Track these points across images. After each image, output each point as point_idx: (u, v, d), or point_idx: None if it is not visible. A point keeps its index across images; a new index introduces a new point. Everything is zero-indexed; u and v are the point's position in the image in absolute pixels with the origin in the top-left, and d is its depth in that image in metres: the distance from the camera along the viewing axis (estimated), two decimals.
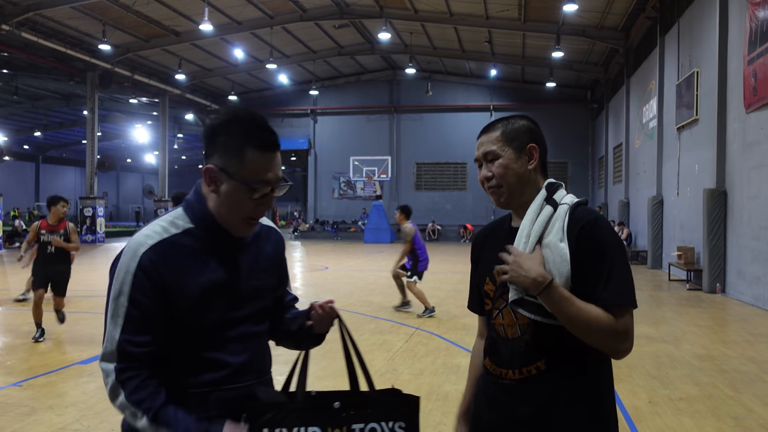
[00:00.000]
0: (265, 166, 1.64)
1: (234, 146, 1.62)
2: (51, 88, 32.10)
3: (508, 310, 1.84)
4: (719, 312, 10.67)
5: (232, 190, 1.63)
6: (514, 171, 1.86)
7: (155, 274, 1.58)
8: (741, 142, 11.82)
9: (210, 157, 1.65)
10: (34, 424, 4.79)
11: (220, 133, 1.65)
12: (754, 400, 5.58)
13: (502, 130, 1.90)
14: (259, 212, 1.68)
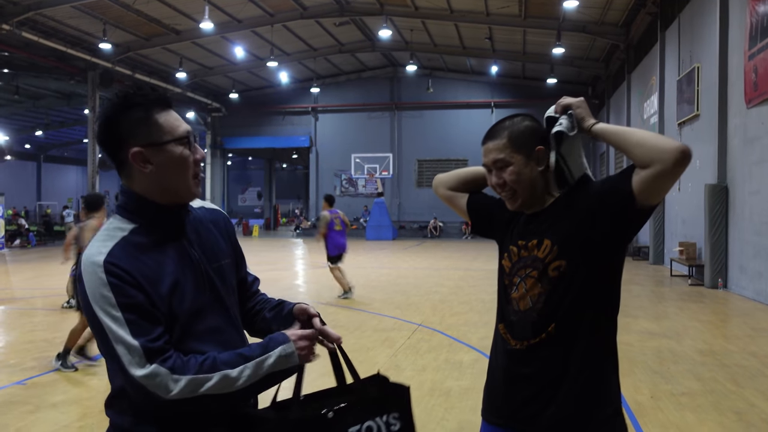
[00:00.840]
0: (176, 120, 1.67)
1: (141, 121, 1.62)
2: (52, 88, 32.10)
3: (522, 285, 1.93)
4: (721, 307, 10.68)
5: (169, 154, 1.63)
6: (526, 176, 1.92)
7: (124, 273, 1.53)
8: (742, 138, 11.81)
9: (123, 147, 1.62)
10: (38, 422, 4.81)
11: (119, 121, 1.63)
12: (756, 394, 5.59)
13: (508, 137, 1.93)
14: (198, 165, 1.69)
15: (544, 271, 1.87)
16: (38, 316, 9.65)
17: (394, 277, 14.97)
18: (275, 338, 1.62)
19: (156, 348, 1.51)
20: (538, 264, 1.88)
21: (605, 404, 1.85)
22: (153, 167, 1.62)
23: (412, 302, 10.85)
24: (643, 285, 13.54)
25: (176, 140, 1.64)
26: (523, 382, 1.90)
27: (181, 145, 1.64)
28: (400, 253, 22.46)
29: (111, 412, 1.66)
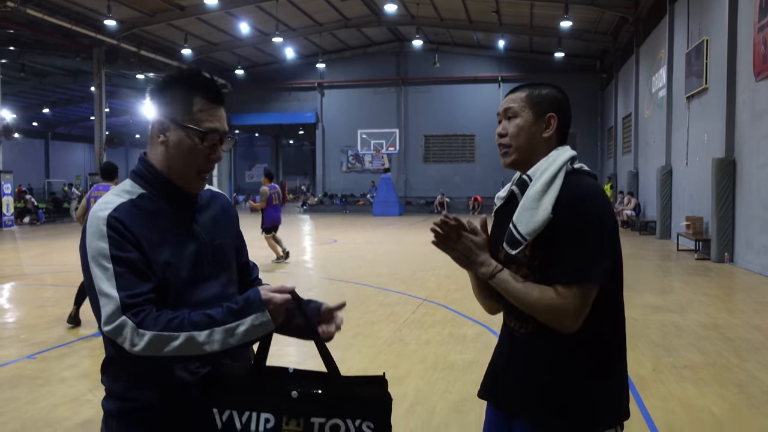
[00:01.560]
0: (213, 116, 1.67)
1: (182, 96, 1.66)
2: (58, 65, 32.07)
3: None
4: (727, 281, 10.68)
5: (182, 138, 1.66)
6: (527, 134, 1.89)
7: (124, 229, 1.58)
8: (750, 111, 11.71)
9: (157, 112, 1.69)
10: (48, 395, 4.90)
11: (169, 87, 1.68)
12: (758, 367, 5.62)
13: (528, 93, 1.92)
14: (209, 164, 1.70)
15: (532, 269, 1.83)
16: (48, 291, 9.76)
17: (399, 252, 15.02)
18: (251, 302, 1.56)
19: (133, 303, 1.52)
20: (524, 260, 1.84)
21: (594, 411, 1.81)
22: (166, 141, 1.67)
23: (418, 277, 10.90)
24: (650, 259, 13.54)
25: (194, 130, 1.65)
26: (519, 371, 1.89)
27: (198, 137, 1.66)
28: (406, 229, 22.51)
29: (105, 378, 1.72)
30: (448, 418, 4.40)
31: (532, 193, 1.79)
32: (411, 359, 5.90)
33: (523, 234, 1.76)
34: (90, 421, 4.37)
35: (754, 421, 4.37)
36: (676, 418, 4.41)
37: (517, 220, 1.79)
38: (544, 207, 1.76)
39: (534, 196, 1.78)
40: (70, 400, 4.78)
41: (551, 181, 1.79)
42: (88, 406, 4.67)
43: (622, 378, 1.90)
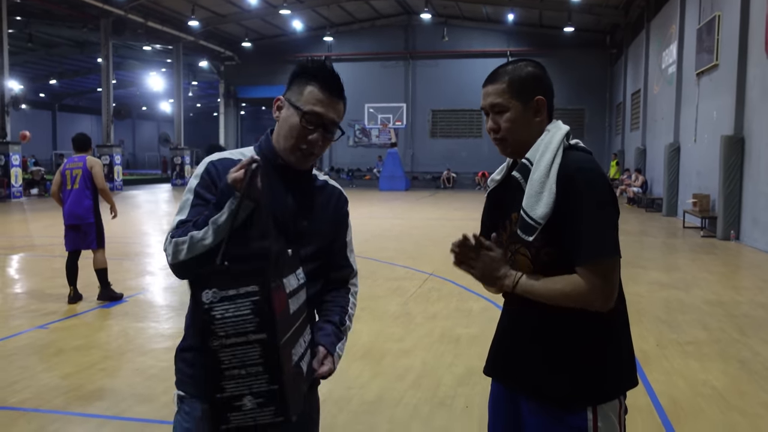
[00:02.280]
0: (319, 101, 1.82)
1: (301, 82, 1.85)
2: (65, 36, 31.98)
3: (512, 260, 1.91)
4: (732, 259, 10.71)
5: (289, 115, 1.84)
6: (520, 125, 1.88)
7: (216, 175, 1.79)
8: (761, 88, 11.63)
9: (283, 94, 1.91)
10: (62, 364, 5.00)
11: (295, 73, 1.90)
12: (761, 343, 5.68)
13: (509, 82, 1.88)
14: (309, 143, 1.83)
15: (536, 253, 1.85)
16: (57, 262, 9.85)
17: (406, 227, 15.08)
18: (222, 191, 1.68)
19: (183, 221, 1.76)
20: (526, 242, 1.84)
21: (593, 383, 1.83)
22: (279, 116, 1.88)
23: (424, 252, 10.97)
24: (656, 236, 13.56)
25: (297, 108, 1.82)
26: (524, 349, 1.91)
27: (298, 115, 1.81)
28: (413, 204, 22.54)
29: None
30: (454, 391, 4.48)
31: (537, 177, 1.80)
32: (417, 333, 5.98)
33: (536, 219, 1.77)
34: (103, 389, 4.47)
35: (755, 395, 4.44)
36: (679, 392, 4.48)
37: (527, 206, 1.80)
38: (549, 188, 1.77)
39: (539, 179, 1.79)
40: (83, 369, 4.88)
41: (552, 162, 1.81)
42: (101, 375, 4.77)
43: (628, 348, 1.92)
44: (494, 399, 2.08)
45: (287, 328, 1.51)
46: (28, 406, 4.15)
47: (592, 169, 1.81)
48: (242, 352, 1.42)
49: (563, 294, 1.77)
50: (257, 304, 1.42)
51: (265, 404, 1.43)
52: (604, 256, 1.76)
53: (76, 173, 7.11)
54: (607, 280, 1.76)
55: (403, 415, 4.09)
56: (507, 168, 2.05)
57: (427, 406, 4.23)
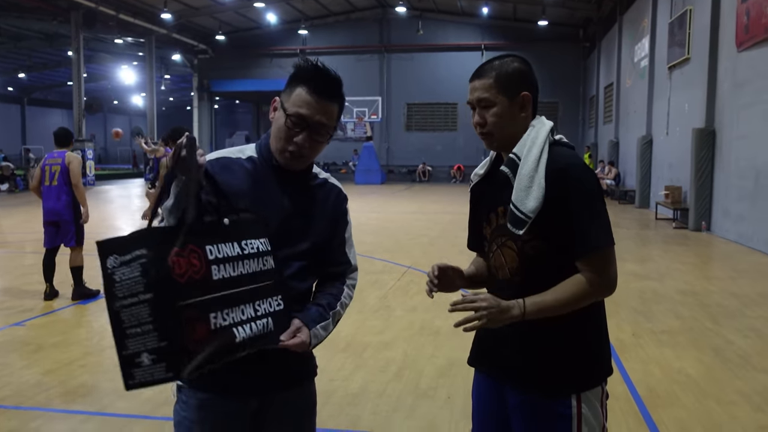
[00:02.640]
0: (306, 103, 1.83)
1: (293, 83, 1.88)
2: (34, 28, 31.39)
3: (499, 253, 1.95)
4: (704, 249, 10.92)
5: (278, 117, 1.88)
6: (506, 120, 1.92)
7: (211, 173, 1.78)
8: (731, 82, 11.85)
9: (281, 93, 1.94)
10: (42, 360, 4.96)
11: (291, 76, 1.91)
12: (734, 332, 5.82)
13: (496, 77, 1.91)
14: (296, 145, 1.84)
15: (522, 246, 1.89)
16: (30, 259, 9.74)
17: (383, 221, 15.11)
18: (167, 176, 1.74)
19: None
20: (514, 235, 1.88)
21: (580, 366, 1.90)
22: (273, 115, 1.91)
23: (402, 245, 11.01)
24: (629, 228, 13.76)
25: (284, 110, 1.85)
26: (509, 338, 1.94)
27: (284, 116, 1.84)
28: (389, 197, 22.58)
29: None
30: (436, 382, 4.53)
31: (526, 171, 1.84)
32: (398, 325, 6.02)
33: (526, 213, 1.82)
34: (84, 386, 4.44)
35: (729, 382, 4.55)
36: (655, 380, 4.58)
37: (516, 200, 1.84)
38: (538, 182, 1.82)
39: (528, 174, 1.84)
40: (63, 365, 4.84)
41: (539, 156, 1.85)
42: (82, 371, 4.73)
43: (607, 336, 1.99)
44: (478, 388, 2.12)
45: (202, 292, 1.56)
46: (9, 404, 4.11)
47: (581, 164, 1.87)
48: (137, 312, 1.51)
49: (575, 297, 1.82)
50: (144, 266, 1.51)
51: (157, 360, 1.49)
52: (603, 247, 1.83)
53: (54, 169, 7.00)
54: (609, 269, 1.84)
55: (387, 406, 4.13)
56: (490, 162, 2.09)
57: (410, 397, 4.28)
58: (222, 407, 1.85)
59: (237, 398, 1.85)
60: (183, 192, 1.65)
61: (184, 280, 1.53)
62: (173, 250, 1.54)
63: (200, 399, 1.84)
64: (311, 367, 2.03)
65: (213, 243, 1.63)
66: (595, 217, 1.83)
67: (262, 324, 1.68)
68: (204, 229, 1.64)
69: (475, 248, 2.21)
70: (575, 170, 1.84)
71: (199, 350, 1.52)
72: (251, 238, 1.73)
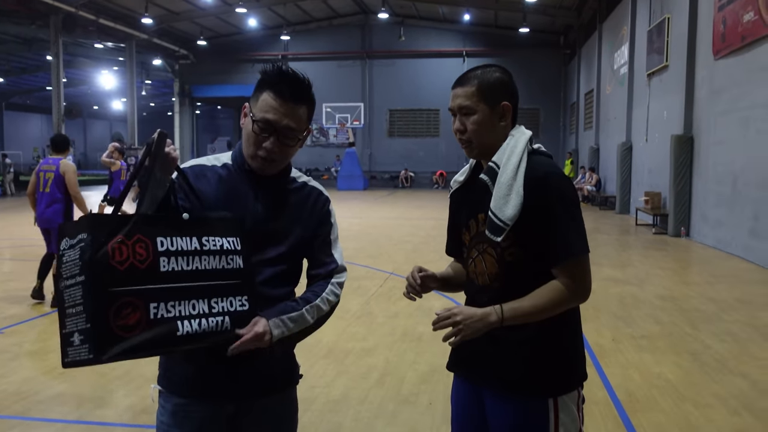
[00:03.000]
0: (272, 108, 1.84)
1: (260, 88, 1.88)
2: (12, 32, 31.04)
3: (480, 259, 1.98)
4: (683, 255, 11.04)
5: (247, 122, 1.89)
6: (486, 128, 1.95)
7: (184, 181, 1.82)
8: (709, 89, 12.02)
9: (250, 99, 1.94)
10: (19, 368, 4.90)
11: (258, 82, 1.91)
12: (711, 336, 5.89)
13: (478, 86, 1.95)
14: (265, 150, 1.85)
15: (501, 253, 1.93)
16: (7, 265, 9.63)
17: (365, 226, 15.11)
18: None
19: None
20: (493, 242, 1.92)
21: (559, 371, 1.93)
22: (244, 121, 1.91)
23: (384, 251, 11.03)
24: (609, 234, 13.89)
25: (251, 116, 1.86)
26: (484, 342, 1.95)
27: (251, 123, 1.86)
28: (371, 203, 22.59)
29: None
30: (418, 388, 4.54)
31: (505, 180, 1.88)
32: (380, 332, 6.03)
33: (504, 220, 1.85)
34: (63, 394, 4.40)
35: (706, 386, 4.61)
36: (634, 385, 4.62)
37: (495, 207, 1.87)
38: (516, 190, 1.86)
39: (507, 182, 1.87)
40: (41, 373, 4.79)
41: (518, 165, 1.89)
42: (61, 379, 4.68)
43: (581, 342, 2.04)
44: (457, 393, 2.14)
45: (144, 282, 1.57)
46: None
47: (559, 173, 1.92)
48: (73, 293, 1.55)
49: (552, 303, 1.86)
50: (83, 249, 1.54)
51: (84, 341, 1.52)
52: (579, 255, 1.87)
53: (48, 176, 6.98)
54: (584, 276, 1.88)
55: (368, 413, 4.13)
56: (470, 170, 2.12)
57: (392, 403, 4.28)
58: (197, 412, 1.85)
59: (213, 402, 1.86)
60: (144, 182, 1.66)
61: (123, 268, 1.55)
62: (117, 237, 1.56)
63: (176, 404, 1.86)
64: (294, 375, 2.03)
65: (166, 235, 1.64)
66: (572, 226, 1.87)
67: (216, 321, 1.68)
68: (159, 221, 1.65)
69: (453, 254, 2.25)
70: (554, 179, 1.88)
71: (128, 336, 1.52)
72: (216, 236, 1.73)
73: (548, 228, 1.85)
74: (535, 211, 1.85)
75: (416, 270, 2.08)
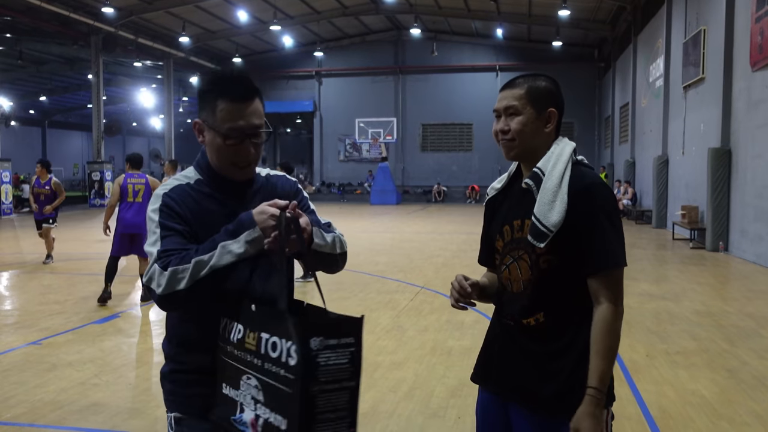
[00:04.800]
0: (235, 115, 1.79)
1: (210, 100, 1.83)
2: (55, 52, 31.99)
3: (515, 266, 1.98)
4: (721, 270, 10.81)
5: (211, 138, 1.84)
6: (530, 130, 1.96)
7: (176, 206, 1.82)
8: (746, 101, 11.80)
9: (198, 114, 1.89)
10: (55, 379, 5.00)
11: (201, 92, 1.86)
12: (749, 353, 5.75)
13: (527, 89, 1.97)
14: (242, 158, 1.83)
15: (536, 260, 1.92)
16: (47, 279, 9.85)
17: (398, 241, 15.12)
18: (242, 221, 1.70)
19: (165, 251, 1.74)
20: (529, 248, 1.92)
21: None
22: (204, 140, 1.88)
23: (416, 265, 11.01)
24: (645, 248, 13.66)
25: (216, 130, 1.81)
26: (516, 356, 1.97)
27: (221, 137, 1.81)
28: (404, 218, 22.60)
29: (164, 342, 1.98)
30: (447, 402, 4.52)
31: (550, 186, 1.89)
32: (410, 345, 6.02)
33: (549, 226, 1.85)
34: (98, 404, 4.48)
35: (743, 404, 4.49)
36: (668, 401, 4.53)
37: (539, 213, 1.88)
38: (561, 198, 1.87)
39: (552, 189, 1.88)
40: (77, 384, 4.89)
41: (563, 173, 1.90)
42: (96, 389, 4.78)
43: None
44: (482, 406, 2.13)
45: None
46: (23, 421, 4.16)
47: (603, 184, 1.92)
48: (336, 397, 1.52)
49: (609, 334, 1.84)
50: (353, 355, 1.55)
51: None
52: (616, 266, 1.87)
53: (138, 188, 7.98)
54: (620, 286, 1.88)
55: (397, 426, 4.12)
56: (508, 177, 2.13)
57: (420, 417, 4.27)
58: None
59: None
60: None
61: None
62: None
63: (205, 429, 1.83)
64: None
65: None
66: (615, 237, 1.88)
67: None
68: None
69: (486, 263, 2.24)
70: (598, 189, 1.89)
71: None
72: None
73: (591, 237, 1.85)
74: (578, 219, 1.85)
75: (462, 277, 2.07)
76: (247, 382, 1.62)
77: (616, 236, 1.87)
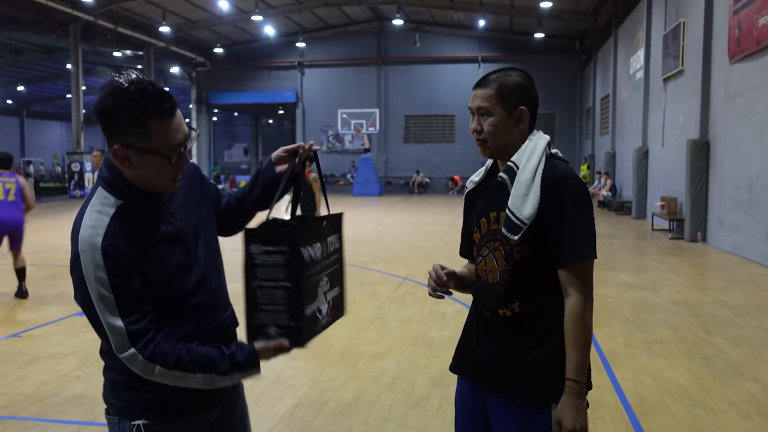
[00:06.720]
0: (171, 131, 1.65)
1: (134, 122, 1.61)
2: (33, 41, 31.52)
3: (491, 257, 2.02)
4: (699, 260, 10.96)
5: (148, 163, 1.65)
6: (502, 131, 1.99)
7: (120, 254, 1.62)
8: (724, 93, 11.94)
9: (112, 137, 1.64)
10: (36, 372, 4.99)
11: (115, 112, 1.62)
12: (725, 341, 5.86)
13: (498, 88, 1.99)
14: (182, 168, 1.74)
15: (510, 251, 1.96)
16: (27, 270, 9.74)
17: (380, 232, 15.15)
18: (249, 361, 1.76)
19: (137, 330, 1.63)
20: (504, 240, 1.96)
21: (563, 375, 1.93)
22: (131, 164, 1.66)
23: (398, 256, 11.06)
24: (625, 239, 13.81)
25: (157, 153, 1.64)
26: (493, 346, 2.02)
27: (167, 160, 1.66)
28: (386, 209, 22.63)
29: (107, 357, 1.79)
30: (429, 392, 4.57)
31: (524, 180, 1.92)
32: (392, 336, 6.06)
33: (522, 219, 1.89)
34: (79, 396, 4.47)
35: (719, 391, 4.59)
36: (646, 389, 4.62)
37: (513, 206, 1.91)
38: (534, 191, 1.90)
39: (526, 182, 1.92)
40: (58, 377, 4.88)
41: (537, 167, 1.94)
42: (77, 382, 4.77)
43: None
44: (461, 396, 2.18)
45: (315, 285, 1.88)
46: (4, 414, 4.15)
47: (576, 177, 1.96)
48: (273, 293, 1.76)
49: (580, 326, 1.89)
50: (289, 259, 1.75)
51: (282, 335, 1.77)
52: (585, 258, 1.90)
53: (9, 186, 7.85)
54: (589, 277, 1.92)
55: (379, 416, 4.16)
56: (486, 170, 2.16)
57: (402, 406, 4.31)
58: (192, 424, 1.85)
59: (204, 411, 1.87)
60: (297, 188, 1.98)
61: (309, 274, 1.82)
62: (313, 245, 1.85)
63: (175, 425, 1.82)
64: None
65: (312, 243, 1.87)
66: (584, 229, 1.91)
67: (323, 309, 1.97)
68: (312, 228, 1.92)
69: (466, 255, 2.28)
70: (571, 182, 1.92)
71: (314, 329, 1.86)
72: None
73: (560, 229, 1.89)
74: (550, 212, 1.89)
75: (439, 267, 2.12)
76: None
77: (586, 229, 1.91)
